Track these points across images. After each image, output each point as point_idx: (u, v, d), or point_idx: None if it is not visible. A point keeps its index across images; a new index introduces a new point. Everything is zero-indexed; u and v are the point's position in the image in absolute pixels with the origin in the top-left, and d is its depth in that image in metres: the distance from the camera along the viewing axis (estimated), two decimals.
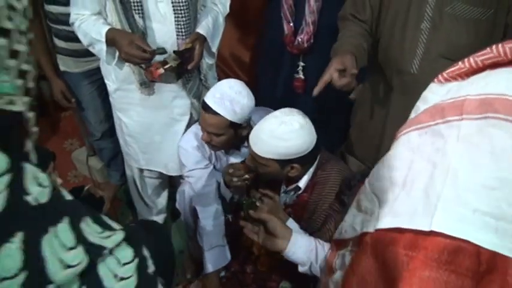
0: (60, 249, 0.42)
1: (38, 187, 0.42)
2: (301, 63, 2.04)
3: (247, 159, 1.54)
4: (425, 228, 0.47)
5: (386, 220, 0.52)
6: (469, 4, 1.36)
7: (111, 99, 1.95)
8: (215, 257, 1.78)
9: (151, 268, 0.52)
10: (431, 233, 0.46)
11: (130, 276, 0.49)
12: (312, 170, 1.52)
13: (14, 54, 0.41)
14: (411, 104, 0.85)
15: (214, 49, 1.84)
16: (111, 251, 0.48)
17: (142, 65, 1.69)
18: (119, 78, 1.83)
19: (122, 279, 0.48)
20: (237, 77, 2.28)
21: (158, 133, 1.95)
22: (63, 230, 0.43)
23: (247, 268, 1.75)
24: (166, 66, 1.67)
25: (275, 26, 2.04)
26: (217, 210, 1.84)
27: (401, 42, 1.49)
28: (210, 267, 1.76)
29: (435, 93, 0.59)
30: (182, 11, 1.66)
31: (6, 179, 0.39)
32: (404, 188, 0.53)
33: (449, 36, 1.41)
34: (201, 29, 1.73)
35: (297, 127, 1.38)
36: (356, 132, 1.93)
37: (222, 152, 1.88)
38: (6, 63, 0.40)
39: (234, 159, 1.89)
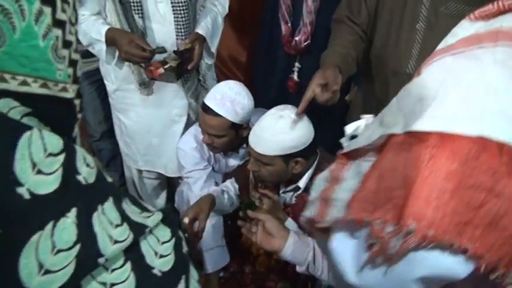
0: (107, 225, 0.45)
1: (86, 167, 0.45)
2: (297, 65, 2.04)
3: (249, 164, 1.53)
4: (472, 134, 0.53)
5: (420, 123, 0.56)
6: (464, 4, 1.36)
7: (110, 99, 1.95)
8: (214, 258, 1.78)
9: (185, 248, 0.55)
10: (463, 136, 0.53)
11: (169, 254, 0.52)
12: (311, 170, 1.53)
13: (66, 44, 0.44)
14: None
15: (213, 49, 1.85)
16: (151, 230, 0.51)
17: (142, 64, 1.70)
18: (118, 78, 1.83)
19: (162, 256, 0.51)
20: (235, 77, 2.28)
21: (157, 135, 1.95)
22: (109, 208, 0.46)
23: (246, 268, 1.75)
24: (166, 66, 1.68)
25: (272, 27, 2.05)
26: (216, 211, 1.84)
27: (397, 42, 1.49)
28: (209, 268, 1.76)
29: (465, 29, 0.65)
30: (181, 11, 1.67)
31: (61, 157, 0.42)
32: (436, 100, 0.57)
33: (445, 36, 1.41)
34: (200, 30, 1.74)
35: (295, 118, 1.41)
36: None
37: (220, 154, 1.88)
38: (61, 52, 0.43)
39: (232, 161, 1.90)
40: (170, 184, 2.36)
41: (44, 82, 0.42)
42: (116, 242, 0.45)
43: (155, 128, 1.93)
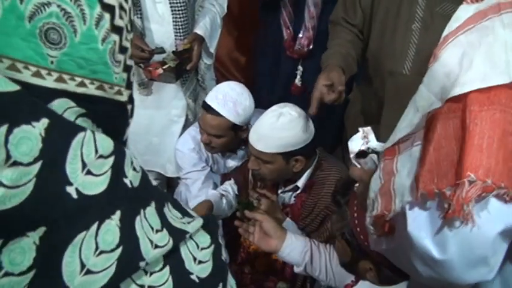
0: (149, 230, 0.46)
1: (133, 171, 0.46)
2: (300, 68, 2.04)
3: (249, 163, 1.52)
4: (506, 81, 0.60)
5: (456, 89, 0.62)
6: (459, 4, 1.36)
7: None
8: None
9: (223, 255, 0.55)
10: (497, 87, 0.60)
11: (207, 261, 0.52)
12: (310, 170, 1.52)
13: (122, 49, 0.46)
14: (405, 105, 0.88)
15: (212, 49, 1.85)
16: (191, 236, 0.52)
17: (141, 65, 1.70)
18: None
19: (200, 262, 0.51)
20: (234, 77, 2.28)
21: (156, 135, 1.95)
22: (150, 213, 0.47)
23: (245, 269, 1.75)
24: (165, 67, 1.68)
25: (274, 29, 2.05)
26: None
27: (393, 43, 1.48)
28: None
29: (466, 11, 0.71)
30: (180, 12, 1.67)
31: (111, 160, 0.43)
32: (462, 69, 0.63)
33: (441, 36, 1.41)
34: (199, 30, 1.74)
35: (295, 116, 1.42)
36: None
37: (219, 155, 1.88)
38: (117, 57, 0.45)
39: (231, 162, 1.89)
40: (169, 185, 2.36)
41: (100, 84, 0.43)
42: (157, 246, 0.46)
43: (154, 128, 1.93)
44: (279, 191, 1.62)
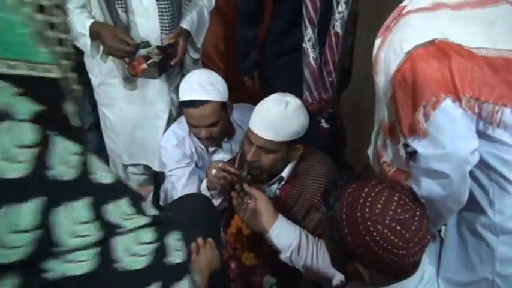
0: (73, 222, 0.48)
1: (62, 166, 0.47)
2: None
3: (249, 155, 1.47)
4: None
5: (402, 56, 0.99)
6: None
7: (95, 93, 1.94)
8: None
9: (172, 258, 0.56)
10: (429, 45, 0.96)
11: (143, 256, 0.52)
12: (294, 161, 1.53)
13: (51, 26, 0.48)
14: None
15: (199, 44, 1.84)
16: (132, 230, 0.52)
17: (126, 59, 1.68)
18: (102, 72, 1.82)
19: (133, 255, 0.52)
20: (222, 72, 2.27)
21: (141, 128, 1.94)
22: (79, 207, 0.49)
23: (231, 264, 1.75)
24: (149, 62, 1.66)
25: None
26: None
27: None
28: None
29: None
30: (166, 5, 1.66)
31: (36, 150, 0.44)
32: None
33: None
34: (185, 24, 1.73)
35: (300, 103, 1.45)
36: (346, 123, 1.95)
37: (203, 150, 1.87)
38: (45, 34, 0.47)
39: (216, 156, 1.88)
40: (157, 180, 2.34)
41: (23, 63, 0.45)
42: (79, 236, 0.47)
43: (139, 122, 1.92)
44: (265, 186, 1.61)
